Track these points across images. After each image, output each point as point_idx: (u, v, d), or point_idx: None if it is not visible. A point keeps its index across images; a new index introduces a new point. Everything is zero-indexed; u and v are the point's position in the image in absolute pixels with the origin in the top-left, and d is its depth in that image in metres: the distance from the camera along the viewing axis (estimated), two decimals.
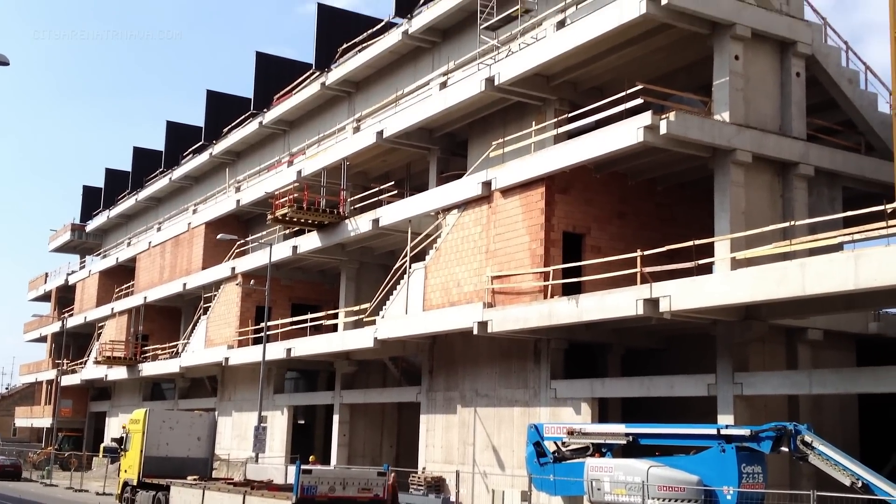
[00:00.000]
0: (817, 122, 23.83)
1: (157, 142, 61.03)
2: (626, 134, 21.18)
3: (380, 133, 31.14)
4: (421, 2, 33.82)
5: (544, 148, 24.67)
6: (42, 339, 73.50)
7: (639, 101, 21.36)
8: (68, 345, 63.34)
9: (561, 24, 26.03)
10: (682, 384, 21.39)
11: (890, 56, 22.27)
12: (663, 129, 20.45)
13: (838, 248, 19.33)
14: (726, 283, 18.56)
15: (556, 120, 25.55)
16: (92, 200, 70.68)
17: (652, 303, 19.56)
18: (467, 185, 26.45)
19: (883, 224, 16.86)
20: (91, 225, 70.01)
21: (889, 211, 17.14)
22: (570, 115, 24.95)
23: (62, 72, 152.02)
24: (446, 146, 31.37)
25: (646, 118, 20.63)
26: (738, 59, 21.69)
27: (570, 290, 23.00)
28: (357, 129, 34.04)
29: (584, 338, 24.20)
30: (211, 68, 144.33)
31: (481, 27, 28.01)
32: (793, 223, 20.00)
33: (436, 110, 28.70)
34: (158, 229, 53.76)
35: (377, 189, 32.82)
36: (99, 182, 69.30)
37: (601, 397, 23.71)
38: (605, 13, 22.42)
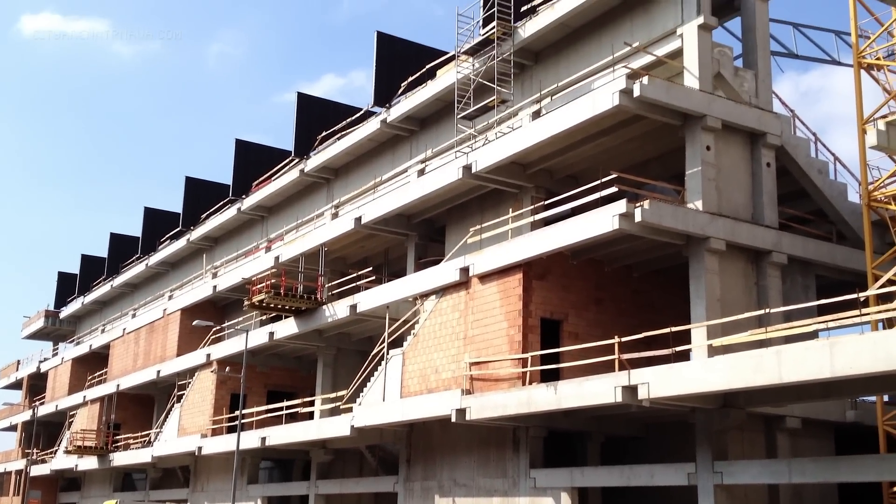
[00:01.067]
0: (789, 211, 24.25)
1: (135, 228, 61.04)
2: (601, 221, 21.42)
3: (358, 219, 31.31)
4: (399, 91, 34.45)
5: (521, 234, 24.87)
6: (12, 429, 71.91)
7: (613, 189, 21.67)
8: (39, 434, 62.00)
9: (536, 115, 26.56)
10: (662, 473, 21.17)
11: (858, 147, 22.91)
12: (638, 217, 20.71)
13: (813, 335, 19.44)
14: (704, 370, 18.54)
15: (532, 207, 25.81)
16: (67, 287, 70.18)
17: (630, 390, 19.48)
18: (445, 271, 26.53)
19: (857, 312, 17.01)
20: (65, 311, 69.35)
21: (862, 299, 17.32)
22: (547, 202, 25.26)
23: (38, 157, 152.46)
24: (424, 232, 31.55)
25: (621, 206, 20.89)
26: (709, 150, 22.13)
27: (549, 377, 22.89)
28: (335, 216, 34.23)
29: (564, 425, 23.99)
30: (189, 155, 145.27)
31: (458, 116, 28.51)
32: (768, 311, 20.12)
33: (414, 197, 28.95)
34: (133, 316, 53.28)
35: (355, 275, 32.83)
36: (74, 268, 68.98)
37: (581, 486, 23.39)
38: (579, 104, 22.90)
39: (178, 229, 52.82)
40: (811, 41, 28.51)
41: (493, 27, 27.72)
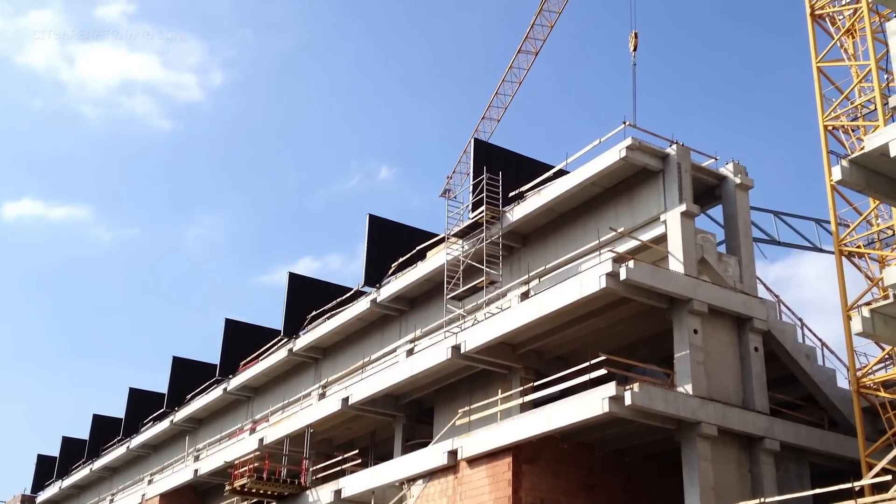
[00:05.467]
0: (779, 396, 24.06)
1: (119, 409, 59.93)
2: (591, 404, 21.18)
3: (345, 400, 30.90)
4: (390, 272, 34.87)
5: (511, 416, 24.49)
6: None
7: (603, 371, 21.57)
8: None
9: (525, 296, 26.79)
10: None
11: (844, 333, 23.03)
12: (628, 401, 20.50)
13: None
14: None
15: (521, 388, 25.57)
16: (46, 470, 68.43)
17: None
18: (433, 455, 25.92)
19: (852, 502, 16.61)
20: (42, 496, 67.14)
21: (857, 489, 16.94)
22: (536, 383, 25.04)
23: (21, 339, 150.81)
24: (412, 413, 31.08)
25: (610, 389, 20.72)
26: (696, 333, 22.20)
27: None
28: (322, 396, 33.79)
29: None
30: (172, 335, 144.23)
31: (448, 297, 28.74)
32: (763, 501, 19.58)
33: (402, 377, 28.71)
34: (111, 501, 51.47)
35: (341, 458, 32.04)
36: (55, 451, 67.40)
37: None
38: (566, 286, 23.15)
39: (161, 410, 51.96)
40: (792, 228, 29.23)
41: (482, 212, 28.42)
